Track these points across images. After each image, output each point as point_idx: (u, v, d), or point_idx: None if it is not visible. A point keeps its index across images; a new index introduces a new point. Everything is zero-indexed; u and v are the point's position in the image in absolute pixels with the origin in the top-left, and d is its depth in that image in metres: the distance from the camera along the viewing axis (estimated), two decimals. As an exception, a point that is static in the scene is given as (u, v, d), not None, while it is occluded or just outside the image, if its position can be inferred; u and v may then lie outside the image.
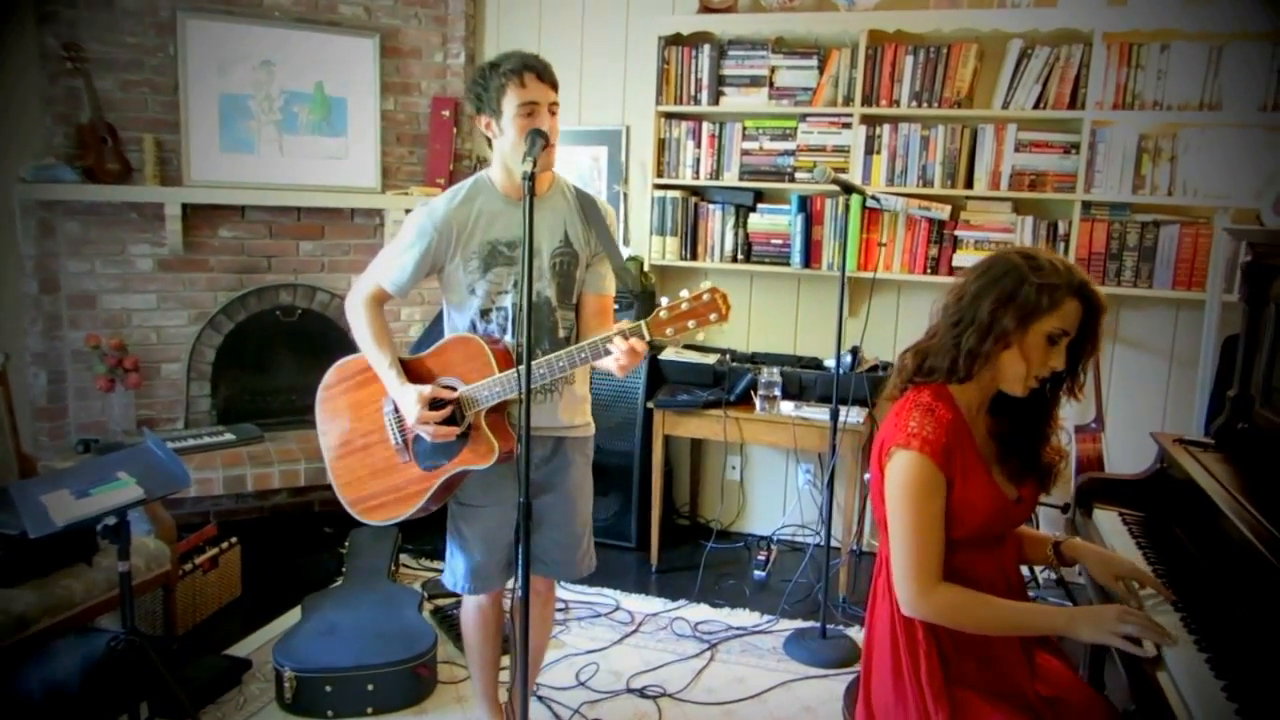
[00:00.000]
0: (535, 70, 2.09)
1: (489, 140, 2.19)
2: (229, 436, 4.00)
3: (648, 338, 1.99)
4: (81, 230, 3.85)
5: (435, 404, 2.13)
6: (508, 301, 2.20)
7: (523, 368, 1.85)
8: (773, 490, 4.30)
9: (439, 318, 2.52)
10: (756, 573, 3.86)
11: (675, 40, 4.02)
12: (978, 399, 1.73)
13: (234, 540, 3.45)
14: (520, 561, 1.94)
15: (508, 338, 2.21)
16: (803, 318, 4.16)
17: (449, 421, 2.15)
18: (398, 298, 2.27)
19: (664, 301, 1.99)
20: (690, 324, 1.96)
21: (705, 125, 4.03)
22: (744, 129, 3.98)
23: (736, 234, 4.03)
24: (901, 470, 1.63)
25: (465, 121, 4.44)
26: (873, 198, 2.97)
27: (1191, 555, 1.99)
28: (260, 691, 2.83)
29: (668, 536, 3.91)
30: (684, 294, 1.99)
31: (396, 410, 2.22)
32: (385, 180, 4.31)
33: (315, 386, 2.36)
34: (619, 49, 4.29)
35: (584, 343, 2.05)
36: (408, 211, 4.19)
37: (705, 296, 1.96)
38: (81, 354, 3.87)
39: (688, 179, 4.08)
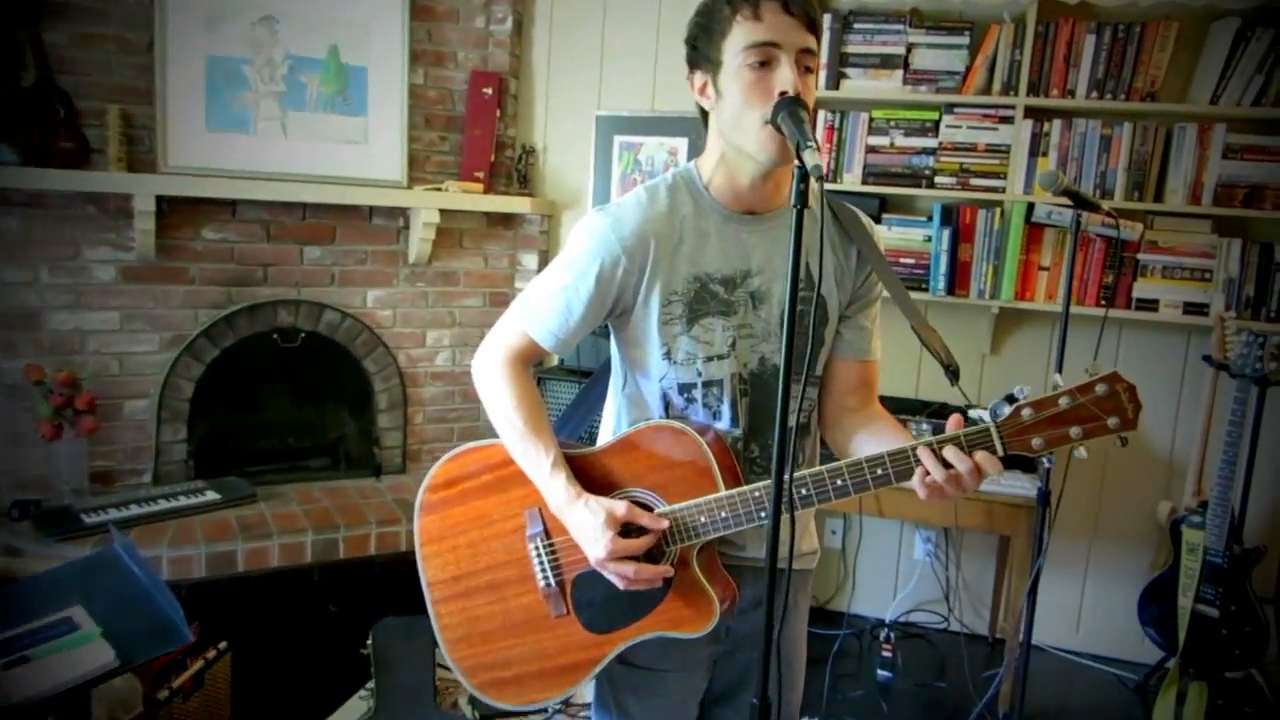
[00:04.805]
0: None
1: (703, 114, 1.39)
2: (212, 495, 3.12)
3: (1000, 453, 1.21)
4: (22, 228, 2.96)
5: (626, 529, 1.33)
6: (723, 372, 1.39)
7: (779, 482, 1.06)
8: (882, 562, 3.53)
9: (591, 385, 1.69)
10: (881, 672, 3.09)
11: (785, 8, 3.23)
12: None
13: (222, 647, 2.59)
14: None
15: (720, 425, 1.41)
16: (928, 355, 3.38)
17: (651, 557, 1.34)
18: (554, 354, 1.45)
19: (1023, 393, 1.22)
20: (1073, 433, 1.18)
21: (820, 115, 3.25)
22: (870, 120, 3.20)
23: (856, 250, 3.25)
24: None
25: (510, 103, 3.60)
26: (1110, 217, 2.22)
27: None
28: None
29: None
30: (1057, 380, 1.22)
31: (548, 534, 1.40)
32: (411, 172, 3.46)
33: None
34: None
35: (883, 453, 1.25)
36: (443, 212, 3.38)
37: (1100, 389, 1.18)
38: (20, 389, 2.97)
39: (795, 181, 3.29)
